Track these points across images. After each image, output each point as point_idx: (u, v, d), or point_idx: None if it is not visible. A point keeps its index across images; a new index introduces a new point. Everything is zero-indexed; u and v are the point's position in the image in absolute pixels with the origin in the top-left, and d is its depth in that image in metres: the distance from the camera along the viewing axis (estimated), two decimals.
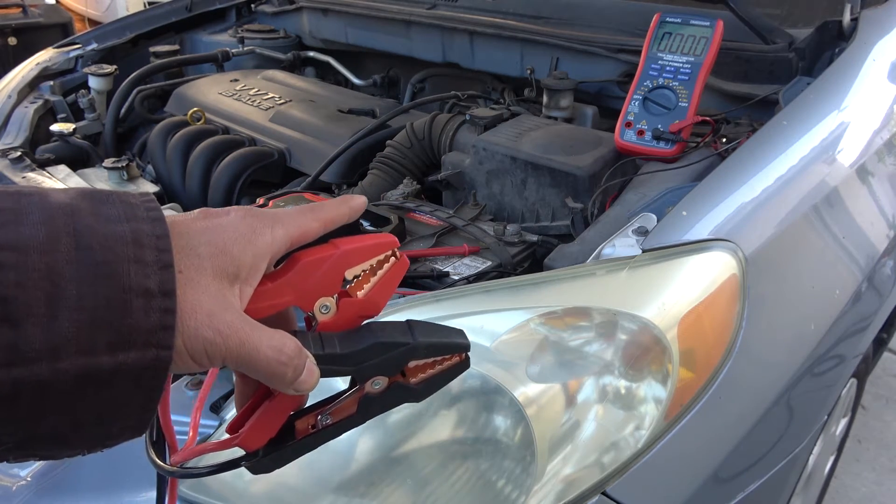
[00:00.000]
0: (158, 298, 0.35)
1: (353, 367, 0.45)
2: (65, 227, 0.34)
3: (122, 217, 0.36)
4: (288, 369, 0.40)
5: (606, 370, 0.76)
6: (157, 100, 1.89)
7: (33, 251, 0.33)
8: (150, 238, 0.36)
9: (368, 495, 0.73)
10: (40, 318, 0.32)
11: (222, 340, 0.38)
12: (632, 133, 1.15)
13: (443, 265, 0.99)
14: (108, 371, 0.34)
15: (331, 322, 0.45)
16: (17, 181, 1.41)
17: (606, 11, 1.56)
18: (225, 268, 0.39)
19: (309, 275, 0.44)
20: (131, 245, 0.35)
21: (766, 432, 0.90)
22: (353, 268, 0.45)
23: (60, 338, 0.33)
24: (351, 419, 0.48)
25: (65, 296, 0.33)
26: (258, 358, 0.39)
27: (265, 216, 0.43)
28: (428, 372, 0.48)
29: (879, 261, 1.12)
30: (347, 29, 2.02)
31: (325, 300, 0.45)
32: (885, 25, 1.21)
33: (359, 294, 0.46)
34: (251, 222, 0.42)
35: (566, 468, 0.72)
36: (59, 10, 4.87)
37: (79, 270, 0.33)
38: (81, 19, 6.47)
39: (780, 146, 0.98)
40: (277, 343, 0.40)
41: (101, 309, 0.34)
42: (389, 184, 1.31)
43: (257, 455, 0.46)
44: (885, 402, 2.21)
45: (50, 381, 0.33)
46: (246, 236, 0.41)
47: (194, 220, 0.41)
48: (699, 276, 0.82)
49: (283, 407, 0.45)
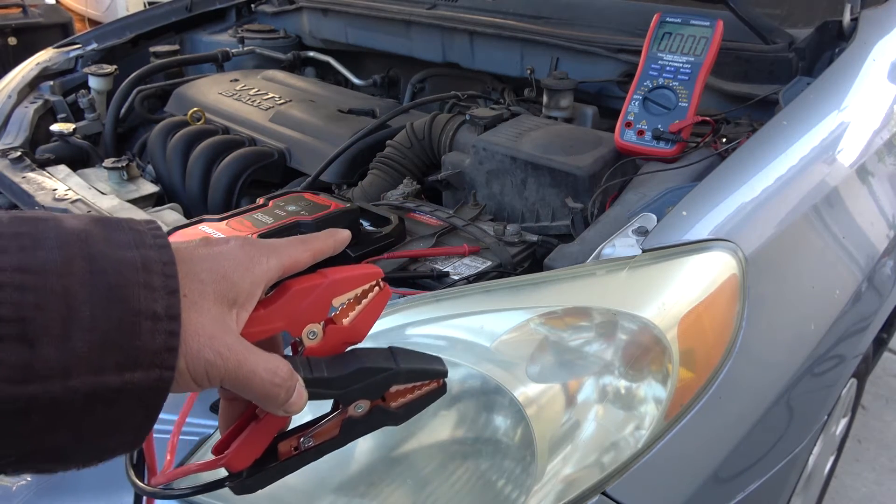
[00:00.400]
0: (165, 322, 0.37)
1: (339, 391, 0.47)
2: (79, 252, 0.36)
3: (132, 244, 0.38)
4: (281, 391, 0.42)
5: (606, 370, 0.76)
6: (157, 100, 1.89)
7: (51, 274, 0.34)
8: (158, 264, 0.38)
9: (368, 495, 0.73)
10: (55, 338, 0.34)
11: (222, 362, 0.40)
12: (632, 133, 1.15)
13: (443, 265, 0.99)
14: (114, 389, 0.35)
15: (317, 347, 0.47)
16: (17, 181, 1.41)
17: (606, 11, 1.56)
18: (225, 293, 0.41)
19: (299, 302, 0.46)
20: (141, 270, 0.37)
21: (766, 432, 0.90)
22: (339, 296, 0.48)
23: (73, 357, 0.34)
24: (333, 441, 0.49)
25: (79, 317, 0.34)
26: (254, 379, 0.41)
27: (262, 246, 0.45)
28: (408, 397, 0.51)
29: (879, 261, 1.12)
30: (347, 29, 2.02)
31: (313, 326, 0.47)
32: (885, 25, 1.21)
33: (344, 321, 0.48)
34: (249, 251, 0.44)
35: (566, 468, 0.72)
36: (59, 10, 4.86)
37: (92, 293, 0.35)
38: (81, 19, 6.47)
39: (780, 146, 0.98)
40: (272, 366, 0.42)
41: (113, 330, 0.35)
42: (389, 184, 1.31)
43: (241, 476, 0.47)
44: (885, 402, 2.21)
45: (61, 398, 0.34)
46: (244, 264, 0.43)
47: (196, 247, 0.43)
48: (699, 276, 0.82)
49: (268, 429, 0.46)
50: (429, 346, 0.77)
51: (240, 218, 0.98)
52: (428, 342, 0.78)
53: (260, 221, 0.96)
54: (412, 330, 0.78)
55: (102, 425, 0.36)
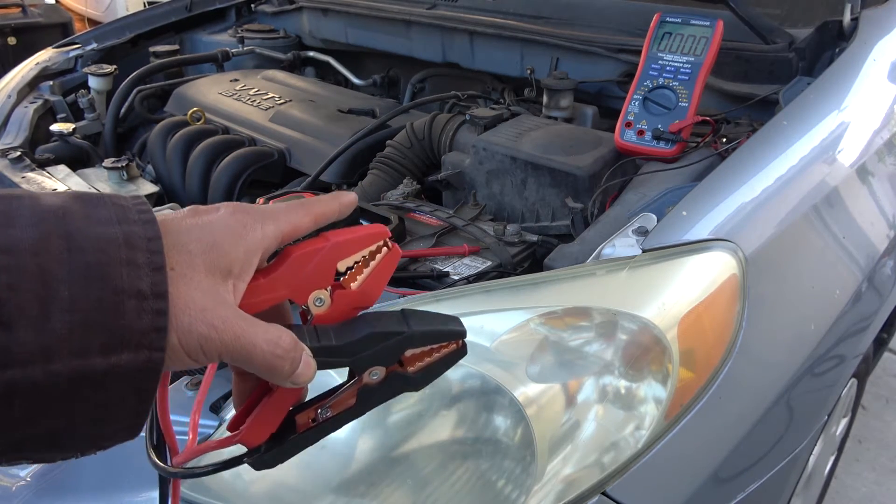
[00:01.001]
0: (151, 300, 0.35)
1: (350, 359, 0.45)
2: (56, 230, 0.34)
3: (114, 219, 0.36)
4: (285, 362, 0.41)
5: (606, 370, 0.76)
6: (157, 100, 1.89)
7: (24, 253, 0.33)
8: (142, 240, 0.36)
9: (368, 495, 0.73)
10: (33, 319, 0.32)
11: (217, 335, 0.38)
12: (632, 133, 1.14)
13: (443, 265, 0.99)
14: (100, 372, 0.34)
15: (326, 315, 0.45)
16: (17, 181, 1.41)
17: (606, 11, 1.56)
18: (217, 263, 0.39)
19: (301, 268, 0.44)
20: (123, 247, 0.35)
21: (766, 432, 0.90)
22: (345, 259, 0.45)
23: (53, 339, 0.33)
24: (351, 411, 0.48)
25: (57, 297, 0.33)
26: (254, 352, 0.39)
27: (255, 212, 0.43)
28: (425, 360, 0.48)
29: (879, 261, 1.12)
30: (347, 29, 2.02)
31: (319, 293, 0.45)
32: (886, 25, 1.21)
33: (352, 286, 0.46)
34: (241, 218, 0.42)
35: (566, 468, 0.72)
36: (59, 10, 4.87)
37: (71, 272, 0.33)
38: (81, 19, 6.47)
39: (780, 146, 0.98)
40: (273, 336, 0.40)
41: (94, 310, 0.34)
42: (389, 184, 1.31)
43: (259, 451, 0.46)
44: (885, 402, 2.21)
45: (43, 382, 0.33)
46: (236, 232, 0.41)
47: (184, 217, 0.40)
48: (699, 276, 0.82)
49: (282, 402, 0.45)
50: None
51: None
52: None
53: None
54: None
55: (93, 410, 0.35)
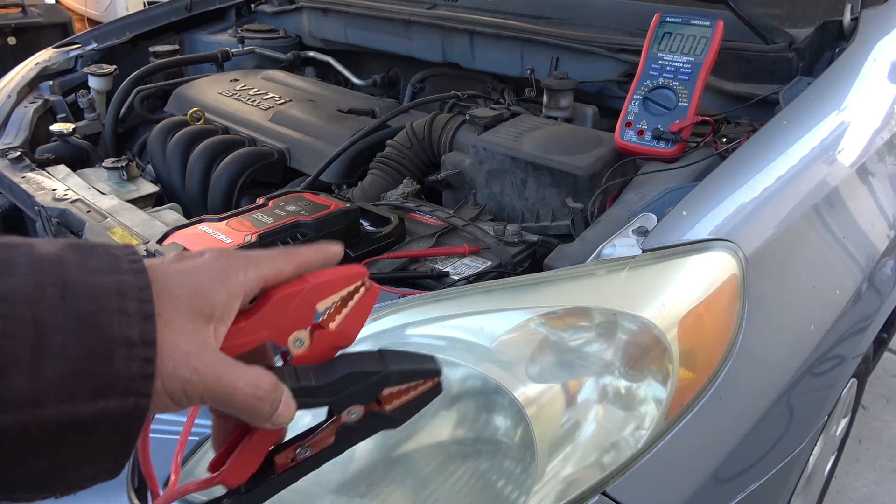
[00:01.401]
0: (140, 348, 0.36)
1: (329, 398, 0.46)
2: (51, 278, 0.35)
3: (107, 269, 0.37)
4: (265, 403, 0.42)
5: (606, 370, 0.76)
6: (157, 100, 1.89)
7: (20, 301, 0.34)
8: (133, 289, 0.37)
9: (368, 495, 0.72)
10: (25, 367, 0.33)
11: (199, 379, 0.39)
12: (632, 133, 1.14)
13: (443, 265, 0.99)
14: (88, 418, 0.35)
15: (305, 355, 0.47)
16: (17, 181, 1.41)
17: (606, 11, 1.56)
18: (200, 308, 0.40)
19: (281, 310, 0.45)
20: (115, 296, 0.37)
21: (766, 432, 0.90)
22: (324, 300, 0.47)
23: (44, 386, 0.33)
24: (330, 450, 0.49)
25: (50, 345, 0.34)
26: (235, 394, 0.41)
27: (238, 257, 0.44)
28: (403, 398, 0.50)
29: (880, 261, 1.12)
30: (347, 29, 2.02)
31: (299, 333, 0.46)
32: (886, 25, 1.21)
33: (331, 326, 0.47)
34: (224, 263, 0.43)
35: (566, 468, 0.72)
36: (59, 10, 4.86)
37: (64, 320, 0.35)
38: (81, 19, 6.46)
39: (780, 146, 0.97)
40: (254, 379, 0.41)
41: (85, 358, 0.35)
42: (389, 184, 1.31)
43: (239, 492, 0.47)
44: (886, 402, 2.21)
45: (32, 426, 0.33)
46: (219, 277, 0.42)
47: (170, 263, 0.42)
48: (699, 276, 0.82)
49: (262, 442, 0.46)
50: (429, 347, 0.76)
51: (240, 218, 0.98)
52: (428, 342, 0.78)
53: (260, 221, 0.96)
54: (412, 330, 0.78)
55: (79, 453, 0.36)
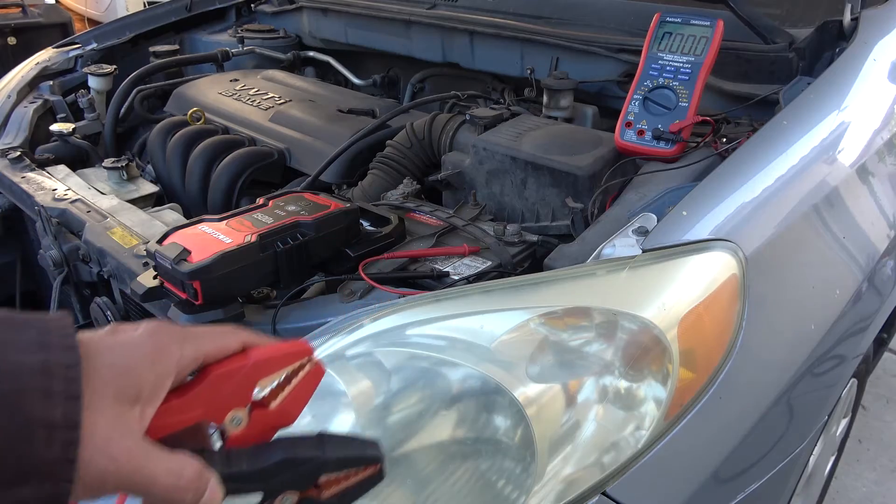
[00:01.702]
0: (62, 430, 0.35)
1: (262, 485, 0.44)
2: None
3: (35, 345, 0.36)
4: (187, 493, 0.40)
5: (606, 370, 0.76)
6: (156, 100, 1.89)
7: None
8: (61, 368, 0.36)
9: (368, 495, 0.72)
10: None
11: (116, 468, 0.37)
12: (632, 133, 1.14)
13: (443, 265, 0.99)
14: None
15: (242, 434, 0.45)
16: (17, 181, 1.41)
17: (606, 11, 1.56)
18: (126, 389, 0.39)
19: (219, 387, 0.44)
20: (39, 375, 0.35)
21: (766, 432, 0.90)
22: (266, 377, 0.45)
23: None
24: None
25: None
26: (154, 485, 0.39)
27: (175, 333, 0.42)
28: (342, 485, 0.48)
29: (880, 261, 1.12)
30: (347, 29, 2.02)
31: (237, 412, 0.44)
32: (886, 25, 1.21)
33: (272, 405, 0.46)
34: (158, 339, 0.41)
35: (566, 468, 0.72)
36: (59, 10, 4.86)
37: None
38: (81, 19, 6.47)
39: (780, 146, 0.97)
40: (176, 467, 0.40)
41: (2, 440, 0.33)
42: (389, 184, 1.31)
43: None
44: (886, 402, 2.21)
45: None
46: (150, 356, 0.40)
47: (102, 337, 0.40)
48: (699, 276, 0.82)
49: None
50: (429, 347, 0.76)
51: (240, 218, 0.98)
52: (428, 342, 0.78)
53: (260, 221, 0.96)
54: (412, 330, 0.78)
55: None
